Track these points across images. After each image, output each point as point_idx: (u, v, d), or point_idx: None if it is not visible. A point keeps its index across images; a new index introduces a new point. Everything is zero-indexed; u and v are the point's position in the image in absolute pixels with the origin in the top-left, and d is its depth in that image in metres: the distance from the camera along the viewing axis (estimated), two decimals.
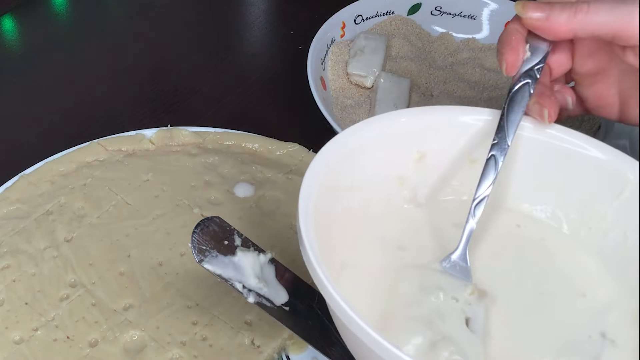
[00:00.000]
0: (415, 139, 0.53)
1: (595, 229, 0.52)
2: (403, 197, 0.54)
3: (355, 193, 0.51)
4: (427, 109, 0.54)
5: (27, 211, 0.65)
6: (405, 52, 0.82)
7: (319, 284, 0.42)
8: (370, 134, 0.51)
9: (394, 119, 0.52)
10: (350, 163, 0.50)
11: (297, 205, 0.45)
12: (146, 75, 0.84)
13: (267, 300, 0.52)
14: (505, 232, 0.53)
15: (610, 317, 0.49)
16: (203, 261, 0.51)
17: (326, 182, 0.47)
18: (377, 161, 0.51)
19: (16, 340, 0.57)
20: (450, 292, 0.48)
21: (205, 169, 0.69)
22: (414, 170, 0.53)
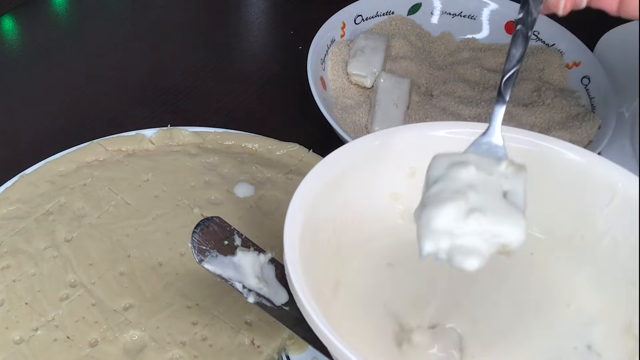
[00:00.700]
0: (407, 156, 0.52)
1: (588, 237, 0.52)
2: (397, 212, 0.54)
3: (347, 211, 0.51)
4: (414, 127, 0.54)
5: (27, 211, 0.65)
6: (405, 52, 0.82)
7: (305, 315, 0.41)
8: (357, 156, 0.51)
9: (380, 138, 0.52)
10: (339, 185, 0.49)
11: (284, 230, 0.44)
12: (146, 75, 0.84)
13: (267, 300, 0.52)
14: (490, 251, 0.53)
15: (597, 330, 0.49)
16: (203, 261, 0.51)
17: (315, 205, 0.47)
18: (368, 179, 0.51)
19: (16, 340, 0.57)
20: (483, 167, 0.44)
21: (205, 169, 0.69)
22: (407, 186, 0.53)
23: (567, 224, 0.53)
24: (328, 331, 0.40)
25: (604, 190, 0.51)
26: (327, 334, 0.40)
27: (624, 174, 0.51)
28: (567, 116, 0.76)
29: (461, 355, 0.47)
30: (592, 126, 0.74)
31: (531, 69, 0.81)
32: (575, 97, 0.78)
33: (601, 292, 0.51)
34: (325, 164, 0.49)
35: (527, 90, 0.79)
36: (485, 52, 0.84)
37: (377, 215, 0.53)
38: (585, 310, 0.50)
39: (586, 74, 0.79)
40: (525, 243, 0.52)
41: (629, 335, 0.48)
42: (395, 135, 0.52)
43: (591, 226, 0.52)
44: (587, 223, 0.52)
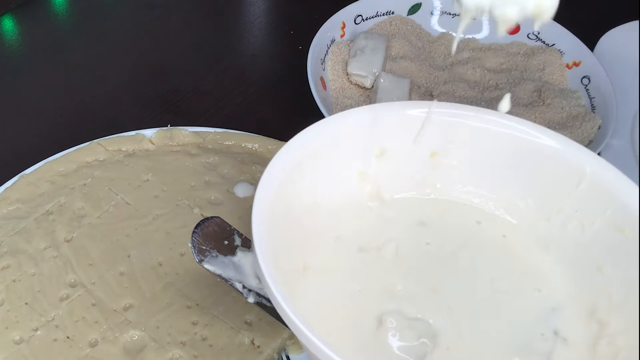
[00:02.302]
0: (374, 135, 0.52)
1: (554, 219, 0.52)
2: (366, 193, 0.54)
3: (316, 190, 0.51)
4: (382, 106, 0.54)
5: (27, 211, 0.65)
6: (405, 52, 0.82)
7: (270, 295, 0.41)
8: (325, 135, 0.50)
9: (345, 118, 0.52)
10: (308, 165, 0.49)
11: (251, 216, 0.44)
12: (146, 75, 0.84)
13: (267, 300, 0.52)
14: (465, 230, 0.54)
15: (563, 315, 0.49)
16: (203, 261, 0.51)
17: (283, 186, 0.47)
18: (336, 159, 0.51)
19: (16, 340, 0.57)
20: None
21: (205, 169, 0.69)
22: (376, 166, 0.53)
23: (533, 206, 0.53)
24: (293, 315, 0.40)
25: (572, 173, 0.51)
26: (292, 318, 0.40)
27: (593, 157, 0.51)
28: (567, 116, 0.76)
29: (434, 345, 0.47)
30: (592, 126, 0.74)
31: (531, 69, 0.81)
32: (575, 97, 0.78)
33: (567, 276, 0.51)
34: (292, 144, 0.49)
35: (527, 90, 0.79)
36: (485, 52, 0.84)
37: (346, 196, 0.53)
38: (553, 295, 0.50)
39: (586, 74, 0.79)
40: (497, 225, 0.54)
41: (593, 320, 0.49)
42: (365, 114, 0.52)
43: (557, 209, 0.52)
44: (554, 206, 0.52)
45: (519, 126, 0.52)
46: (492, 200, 0.54)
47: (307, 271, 0.49)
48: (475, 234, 0.53)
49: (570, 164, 0.51)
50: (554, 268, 0.52)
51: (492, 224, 0.54)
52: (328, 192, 0.51)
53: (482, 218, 0.54)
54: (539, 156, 0.52)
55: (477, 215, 0.54)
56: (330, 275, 0.49)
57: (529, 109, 0.76)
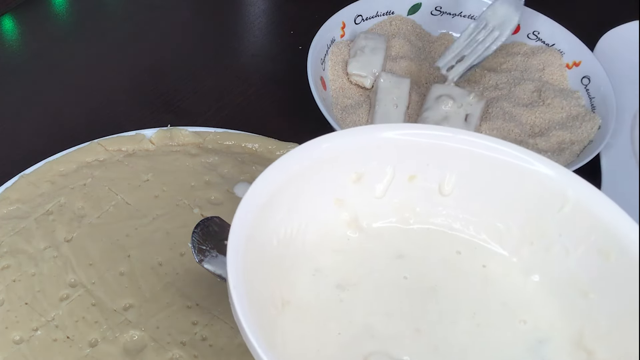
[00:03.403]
0: (350, 160, 0.51)
1: (537, 244, 0.51)
2: (343, 221, 0.52)
3: (292, 221, 0.49)
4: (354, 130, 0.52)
5: (27, 211, 0.65)
6: (405, 52, 0.82)
7: (246, 341, 0.40)
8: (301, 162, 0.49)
9: (322, 143, 0.50)
10: (284, 194, 0.48)
11: (227, 247, 0.43)
12: (146, 75, 0.84)
13: None
14: (445, 258, 0.52)
15: (550, 345, 0.48)
16: (203, 261, 0.51)
17: (258, 217, 0.46)
18: (312, 187, 0.50)
19: (16, 340, 0.57)
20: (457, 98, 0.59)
21: (205, 169, 0.69)
22: (353, 192, 0.52)
23: (516, 230, 0.52)
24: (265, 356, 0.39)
25: (554, 196, 0.50)
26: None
27: (576, 180, 0.49)
28: (567, 116, 0.76)
29: None
30: (592, 126, 0.74)
31: (531, 69, 0.81)
32: (575, 97, 0.78)
33: (552, 303, 0.50)
34: (270, 171, 0.47)
35: (527, 90, 0.79)
36: None
37: (324, 226, 0.51)
38: (539, 326, 0.49)
39: (586, 74, 0.79)
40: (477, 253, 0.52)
41: (580, 348, 0.47)
42: (342, 138, 0.51)
43: (541, 233, 0.51)
44: (537, 229, 0.51)
45: (501, 147, 0.51)
46: (473, 224, 0.53)
47: (286, 307, 0.47)
48: (455, 266, 0.52)
49: (553, 187, 0.50)
50: (538, 295, 0.50)
51: (472, 253, 0.52)
52: (305, 221, 0.50)
53: (462, 247, 0.52)
54: (520, 179, 0.51)
55: (457, 244, 0.53)
56: (309, 313, 0.48)
57: (529, 109, 0.76)
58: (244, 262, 0.43)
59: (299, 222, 0.50)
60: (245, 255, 0.43)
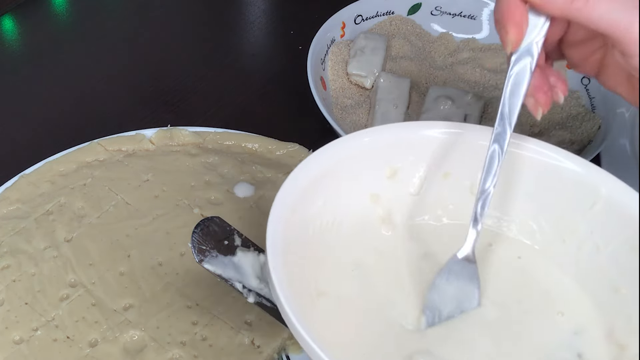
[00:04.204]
0: (386, 156, 0.52)
1: (569, 241, 0.52)
2: (378, 216, 0.53)
3: (328, 214, 0.50)
4: (394, 126, 0.53)
5: (27, 211, 0.65)
6: (405, 52, 0.82)
7: (287, 320, 0.41)
8: (338, 155, 0.50)
9: (361, 137, 0.51)
10: (320, 186, 0.49)
11: (266, 233, 0.44)
12: (146, 75, 0.84)
13: (267, 300, 0.52)
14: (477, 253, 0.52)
15: (585, 337, 0.48)
16: (203, 261, 0.51)
17: (295, 208, 0.46)
18: (348, 180, 0.51)
19: (16, 340, 0.57)
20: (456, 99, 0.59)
21: (205, 169, 0.69)
22: (388, 187, 0.52)
23: (547, 227, 0.52)
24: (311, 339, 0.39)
25: (587, 194, 0.50)
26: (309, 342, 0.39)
27: (608, 177, 0.50)
28: (567, 116, 0.76)
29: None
30: (592, 126, 0.74)
31: None
32: (575, 97, 0.78)
33: (585, 298, 0.50)
34: (307, 163, 0.48)
35: None
36: (485, 52, 0.84)
37: (358, 220, 0.52)
38: (575, 319, 0.49)
39: None
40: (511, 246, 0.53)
41: (611, 342, 0.48)
42: (382, 133, 0.52)
43: (572, 230, 0.51)
44: (568, 227, 0.51)
45: (533, 146, 0.52)
46: (505, 221, 0.54)
47: (321, 297, 0.48)
48: (490, 257, 0.52)
49: (585, 185, 0.50)
50: (573, 289, 0.51)
51: (505, 246, 0.53)
52: (340, 214, 0.51)
53: (494, 241, 0.53)
54: (553, 177, 0.51)
55: (490, 238, 0.53)
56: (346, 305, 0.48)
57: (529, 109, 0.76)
58: (283, 243, 0.44)
59: (334, 214, 0.50)
60: (284, 235, 0.44)
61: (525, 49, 0.48)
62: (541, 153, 0.52)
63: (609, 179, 0.50)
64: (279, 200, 0.46)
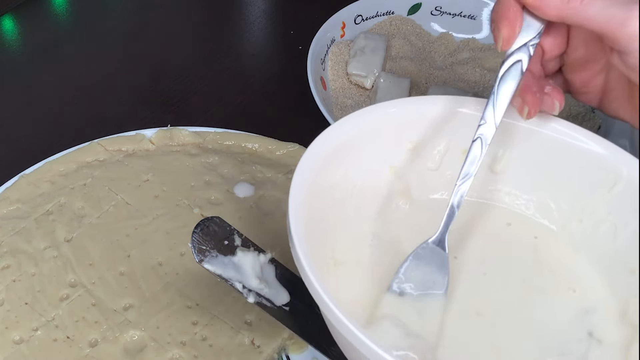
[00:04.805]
0: (408, 129, 0.52)
1: (586, 221, 0.52)
2: (397, 189, 0.53)
3: (348, 184, 0.50)
4: (418, 99, 0.54)
5: (27, 211, 0.65)
6: (405, 52, 0.82)
7: (306, 280, 0.41)
8: (361, 125, 0.50)
9: (385, 109, 0.52)
10: (342, 155, 0.49)
11: (288, 200, 0.44)
12: (146, 75, 0.84)
13: (267, 300, 0.52)
14: (494, 230, 0.53)
15: (597, 316, 0.49)
16: (203, 261, 0.51)
17: (317, 175, 0.47)
18: (369, 151, 0.51)
19: (16, 340, 0.57)
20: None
21: (205, 169, 0.69)
22: (407, 161, 0.53)
23: (565, 207, 0.53)
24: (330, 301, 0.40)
25: (607, 175, 0.50)
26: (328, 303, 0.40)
27: (629, 158, 0.50)
28: (567, 116, 0.76)
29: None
30: (592, 126, 0.74)
31: None
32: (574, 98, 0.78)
33: (600, 278, 0.51)
34: (330, 132, 0.49)
35: None
36: (485, 52, 0.84)
37: (377, 192, 0.52)
38: (586, 296, 0.50)
39: None
40: (528, 226, 0.53)
41: (625, 322, 0.48)
42: (403, 105, 0.52)
43: (590, 211, 0.52)
44: (587, 207, 0.52)
45: (554, 125, 0.52)
46: (523, 199, 0.54)
47: (339, 266, 0.49)
48: (505, 236, 0.53)
49: (607, 166, 0.50)
50: (586, 269, 0.51)
51: (522, 225, 0.53)
52: (359, 185, 0.51)
53: (512, 220, 0.54)
54: (574, 157, 0.51)
55: (507, 216, 0.54)
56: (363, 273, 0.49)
57: None
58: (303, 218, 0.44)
59: (354, 184, 0.50)
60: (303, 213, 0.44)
61: (518, 49, 0.49)
62: (563, 132, 0.52)
63: (631, 160, 0.50)
64: (302, 167, 0.46)
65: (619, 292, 0.49)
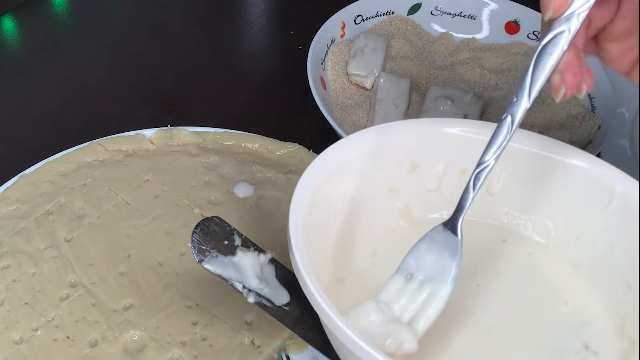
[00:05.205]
0: (408, 150, 0.53)
1: (584, 239, 0.52)
2: (396, 209, 0.54)
3: (348, 204, 0.51)
4: (418, 122, 0.54)
5: (27, 211, 0.65)
6: (405, 52, 0.82)
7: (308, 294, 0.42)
8: (362, 146, 0.51)
9: (385, 130, 0.52)
10: (342, 175, 0.50)
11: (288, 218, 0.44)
12: (146, 75, 0.84)
13: (267, 300, 0.52)
14: (488, 245, 0.53)
15: (593, 329, 0.49)
16: (203, 261, 0.51)
17: (318, 194, 0.47)
18: (369, 172, 0.51)
19: (16, 340, 0.57)
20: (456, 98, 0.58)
21: (205, 169, 0.69)
22: (407, 182, 0.53)
23: (562, 226, 0.53)
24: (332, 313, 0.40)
25: (602, 193, 0.51)
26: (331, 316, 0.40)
27: (623, 176, 0.51)
28: (567, 116, 0.76)
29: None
30: (592, 126, 0.74)
31: None
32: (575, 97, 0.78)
33: (597, 293, 0.51)
34: (331, 151, 0.49)
35: None
36: (485, 52, 0.84)
37: (377, 212, 0.52)
38: (582, 310, 0.50)
39: None
40: (523, 244, 0.54)
41: (623, 336, 0.49)
42: (406, 128, 0.53)
43: (587, 228, 0.52)
44: (583, 225, 0.52)
45: (550, 146, 0.52)
46: (522, 219, 0.54)
47: (340, 283, 0.49)
48: (500, 252, 0.53)
49: (601, 184, 0.51)
50: (582, 285, 0.52)
51: (518, 242, 0.54)
52: (359, 206, 0.51)
53: (507, 237, 0.54)
54: (569, 176, 0.52)
55: (503, 234, 0.54)
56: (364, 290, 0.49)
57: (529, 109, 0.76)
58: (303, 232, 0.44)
59: (353, 203, 0.51)
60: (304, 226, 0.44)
61: (565, 18, 0.43)
62: (558, 153, 0.52)
63: (623, 177, 0.51)
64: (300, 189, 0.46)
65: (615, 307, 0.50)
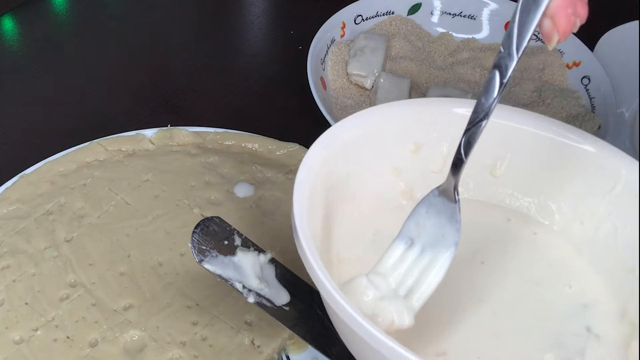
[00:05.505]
0: (411, 130, 0.52)
1: (587, 222, 0.52)
2: (399, 189, 0.53)
3: (351, 184, 0.50)
4: (422, 101, 0.54)
5: (27, 211, 0.65)
6: (405, 52, 0.82)
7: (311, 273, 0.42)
8: (365, 125, 0.50)
9: (389, 109, 0.52)
10: (345, 154, 0.49)
11: (292, 198, 0.44)
12: (146, 75, 0.84)
13: (267, 300, 0.52)
14: (493, 223, 0.54)
15: (595, 312, 0.49)
16: (203, 261, 0.51)
17: (321, 173, 0.47)
18: (372, 152, 0.51)
19: (16, 340, 0.57)
20: None
21: (205, 169, 0.69)
22: (410, 162, 0.53)
23: (566, 209, 0.53)
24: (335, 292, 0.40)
25: (607, 177, 0.51)
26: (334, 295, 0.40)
27: (629, 161, 0.50)
28: (567, 116, 0.76)
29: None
30: (592, 126, 0.74)
31: (531, 69, 0.81)
32: (575, 97, 0.78)
33: (599, 277, 0.51)
34: (333, 131, 0.49)
35: (527, 90, 0.79)
36: (485, 52, 0.84)
37: (379, 193, 0.52)
38: (585, 293, 0.50)
39: (586, 74, 0.79)
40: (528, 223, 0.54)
41: (624, 321, 0.49)
42: (411, 107, 0.52)
43: (591, 212, 0.52)
44: (587, 209, 0.52)
45: (556, 128, 0.52)
46: (525, 201, 0.54)
47: (342, 263, 0.49)
48: (505, 231, 0.53)
49: (606, 168, 0.51)
50: (585, 269, 0.52)
51: (522, 222, 0.54)
52: (362, 187, 0.51)
53: (512, 216, 0.54)
54: (575, 159, 0.52)
55: (508, 213, 0.54)
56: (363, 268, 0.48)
57: (529, 109, 0.76)
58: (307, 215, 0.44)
59: (357, 185, 0.51)
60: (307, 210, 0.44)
61: None
62: (563, 135, 0.52)
63: (629, 162, 0.51)
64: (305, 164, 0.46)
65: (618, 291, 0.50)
